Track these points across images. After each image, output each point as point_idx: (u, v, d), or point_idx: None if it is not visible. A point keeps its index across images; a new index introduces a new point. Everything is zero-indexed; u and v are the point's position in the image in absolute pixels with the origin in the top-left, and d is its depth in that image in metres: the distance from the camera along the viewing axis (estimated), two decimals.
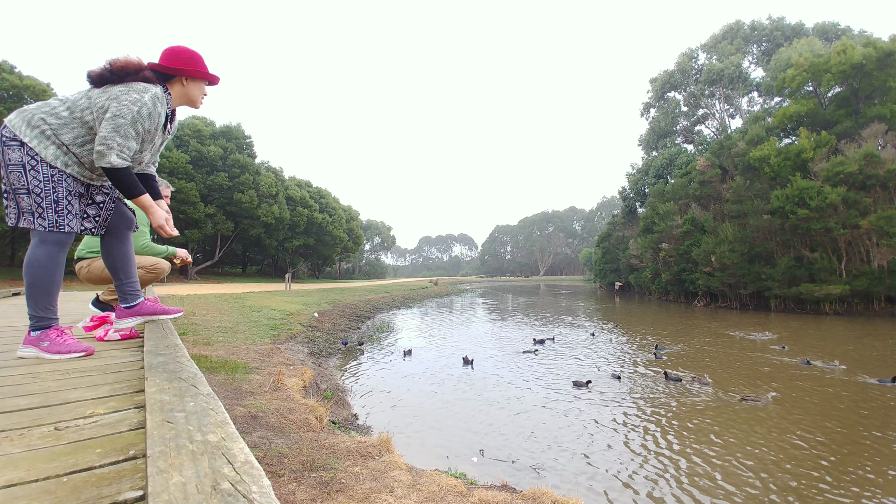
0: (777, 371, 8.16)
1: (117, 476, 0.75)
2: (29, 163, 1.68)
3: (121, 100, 1.69)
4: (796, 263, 19.13)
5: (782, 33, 31.88)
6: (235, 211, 28.35)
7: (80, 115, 1.73)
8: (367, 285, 32.62)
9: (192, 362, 1.42)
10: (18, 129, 1.68)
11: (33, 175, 1.68)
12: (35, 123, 1.70)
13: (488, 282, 73.27)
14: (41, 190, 1.69)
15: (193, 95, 1.94)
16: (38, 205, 1.69)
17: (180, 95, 1.93)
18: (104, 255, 2.06)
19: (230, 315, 9.45)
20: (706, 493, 3.85)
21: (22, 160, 1.67)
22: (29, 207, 1.69)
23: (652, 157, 36.75)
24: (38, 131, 1.70)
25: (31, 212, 1.69)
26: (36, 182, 1.68)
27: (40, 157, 1.69)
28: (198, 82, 1.93)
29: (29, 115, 1.71)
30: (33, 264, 1.73)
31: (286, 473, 2.76)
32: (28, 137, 1.68)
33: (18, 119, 1.71)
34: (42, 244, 1.72)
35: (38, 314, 1.77)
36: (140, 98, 1.72)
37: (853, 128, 19.96)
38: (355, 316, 15.80)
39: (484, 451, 4.65)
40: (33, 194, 1.68)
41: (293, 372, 5.65)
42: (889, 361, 8.80)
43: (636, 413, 5.95)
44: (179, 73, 1.87)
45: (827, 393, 6.72)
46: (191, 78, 1.90)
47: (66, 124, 1.73)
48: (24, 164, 1.67)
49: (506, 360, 9.21)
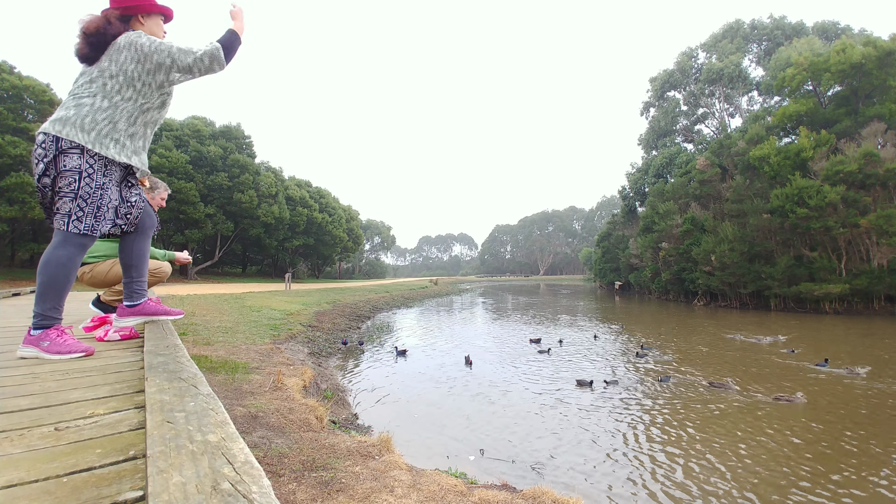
0: (790, 373, 8.15)
1: (117, 476, 0.75)
2: (87, 170, 1.73)
3: (147, 51, 1.77)
4: (796, 262, 19.14)
5: (783, 32, 31.85)
6: (235, 211, 28.35)
7: (119, 95, 1.79)
8: (367, 285, 32.63)
9: (192, 362, 1.42)
10: (76, 136, 1.71)
11: (87, 182, 1.73)
12: (88, 127, 1.74)
13: (488, 281, 73.28)
14: (89, 196, 1.74)
15: (155, 33, 1.96)
16: (81, 209, 1.73)
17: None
18: (122, 251, 2.09)
19: (230, 315, 9.46)
20: (706, 493, 3.85)
21: (80, 167, 1.71)
22: (67, 210, 1.72)
23: (652, 156, 36.76)
24: (94, 133, 1.75)
25: (67, 214, 1.72)
26: (87, 189, 1.73)
27: (99, 161, 1.76)
28: (153, 17, 1.96)
29: (78, 121, 1.74)
30: (52, 263, 1.74)
31: (286, 473, 2.77)
32: (87, 141, 1.73)
33: (69, 127, 1.72)
34: (65, 244, 1.74)
35: (45, 312, 1.77)
36: (147, 37, 1.80)
37: (853, 127, 19.96)
38: (355, 316, 15.80)
39: (484, 450, 4.65)
40: (79, 199, 1.72)
41: (293, 372, 5.65)
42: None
43: (636, 413, 5.96)
44: (135, 11, 1.90)
45: (852, 397, 6.42)
46: (146, 14, 1.93)
47: (112, 111, 1.78)
48: (80, 171, 1.71)
49: (506, 360, 9.21)
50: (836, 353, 9.47)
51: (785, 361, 8.82)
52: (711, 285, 22.14)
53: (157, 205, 3.22)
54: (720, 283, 21.52)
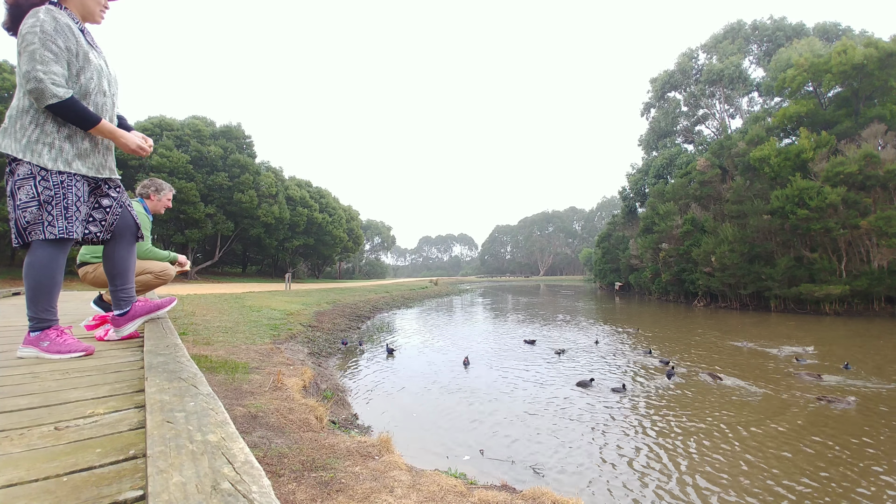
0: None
1: (117, 476, 0.75)
2: (39, 173, 1.66)
3: (22, 33, 1.60)
4: (796, 264, 19.13)
5: (783, 33, 31.84)
6: (235, 211, 28.37)
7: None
8: (367, 285, 32.62)
9: (192, 362, 1.42)
10: (9, 148, 1.64)
11: (44, 185, 1.65)
12: (19, 134, 1.65)
13: (488, 282, 73.25)
14: (51, 197, 1.66)
15: (90, 7, 1.83)
16: (49, 212, 1.66)
17: (78, 8, 1.81)
18: (105, 260, 2.03)
19: (230, 315, 9.45)
20: (707, 492, 3.85)
21: (31, 172, 1.65)
22: (37, 219, 1.65)
23: (652, 157, 36.74)
24: (24, 140, 1.65)
25: (39, 222, 1.66)
26: (47, 192, 1.66)
27: (45, 167, 1.66)
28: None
29: (10, 128, 1.65)
30: (35, 266, 1.70)
31: (286, 473, 2.77)
32: (17, 150, 1.64)
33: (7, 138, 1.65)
34: (43, 246, 1.70)
35: (38, 315, 1.76)
36: (36, 19, 1.61)
37: (853, 128, 19.96)
38: (355, 316, 15.80)
39: (484, 450, 4.65)
40: (44, 203, 1.65)
41: (293, 372, 5.65)
42: None
43: (637, 414, 5.95)
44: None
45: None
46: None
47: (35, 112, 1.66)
48: (33, 176, 1.65)
49: (506, 361, 9.20)
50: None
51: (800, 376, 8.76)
52: (711, 286, 22.14)
53: (164, 206, 3.22)
54: (720, 284, 21.51)
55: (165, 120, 27.43)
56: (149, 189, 3.16)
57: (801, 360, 8.81)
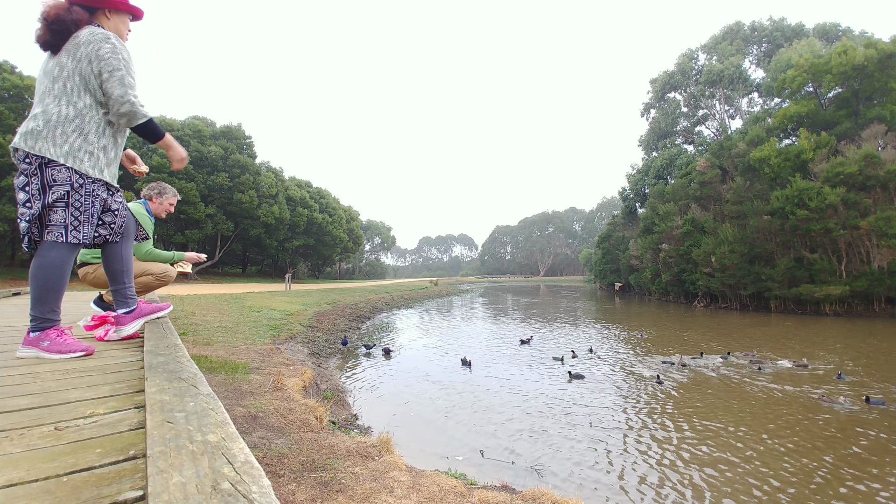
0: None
1: (117, 476, 0.75)
2: (77, 181, 1.72)
3: (101, 56, 1.69)
4: (796, 264, 19.13)
5: (783, 34, 31.86)
6: (235, 211, 28.37)
7: (81, 101, 1.73)
8: (367, 286, 32.62)
9: (192, 362, 1.42)
10: (48, 151, 1.67)
11: (78, 191, 1.72)
12: (60, 140, 1.69)
13: (488, 282, 73.24)
14: (80, 203, 1.73)
15: (122, 30, 1.90)
16: (76, 218, 1.72)
17: (113, 30, 1.88)
18: (108, 259, 2.05)
19: (230, 315, 9.45)
20: (707, 492, 3.85)
21: (70, 178, 1.70)
22: (62, 221, 1.70)
23: (652, 157, 36.74)
24: (66, 146, 1.70)
25: (63, 225, 1.70)
26: (79, 197, 1.73)
27: (85, 173, 1.73)
28: (121, 15, 1.89)
29: (49, 133, 1.68)
30: (46, 267, 1.73)
31: (286, 473, 2.76)
32: (59, 156, 1.69)
33: (41, 142, 1.67)
34: (57, 247, 1.73)
35: (43, 315, 1.77)
36: (112, 44, 1.71)
37: (853, 129, 19.97)
38: (355, 316, 15.80)
39: (484, 451, 4.65)
40: (72, 208, 1.71)
41: (293, 372, 5.65)
42: None
43: (637, 414, 5.95)
44: (102, 5, 1.83)
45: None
46: (113, 10, 1.86)
47: (80, 122, 1.73)
48: (71, 183, 1.70)
49: (506, 361, 9.20)
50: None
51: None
52: (711, 287, 22.13)
53: (165, 210, 3.22)
54: (720, 285, 21.51)
55: (166, 120, 27.44)
56: (152, 191, 3.18)
57: (842, 377, 7.46)
